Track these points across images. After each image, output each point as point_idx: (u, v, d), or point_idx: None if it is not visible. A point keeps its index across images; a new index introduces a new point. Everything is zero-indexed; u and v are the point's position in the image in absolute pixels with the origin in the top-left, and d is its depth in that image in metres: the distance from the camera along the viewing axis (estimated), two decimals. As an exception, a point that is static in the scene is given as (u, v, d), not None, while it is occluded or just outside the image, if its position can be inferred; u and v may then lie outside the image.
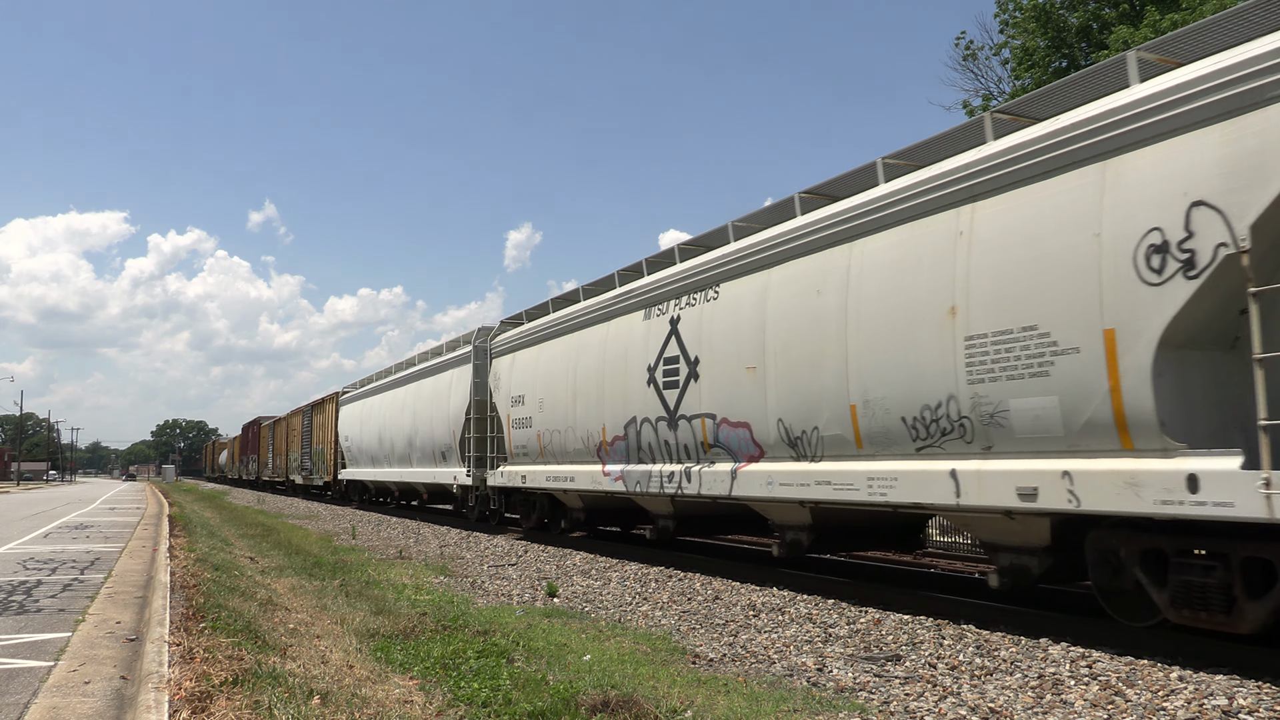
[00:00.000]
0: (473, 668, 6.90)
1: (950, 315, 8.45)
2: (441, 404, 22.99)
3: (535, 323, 18.22)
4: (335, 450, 36.11)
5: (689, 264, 12.99)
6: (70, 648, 7.97)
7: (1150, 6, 23.38)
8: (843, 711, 5.87)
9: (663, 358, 13.18)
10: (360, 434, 31.60)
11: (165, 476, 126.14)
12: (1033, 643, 7.70)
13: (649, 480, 13.45)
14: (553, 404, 16.57)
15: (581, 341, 15.87)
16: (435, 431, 23.43)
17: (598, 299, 15.63)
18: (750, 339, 11.22)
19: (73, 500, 46.21)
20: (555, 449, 16.55)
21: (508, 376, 19.00)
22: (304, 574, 13.49)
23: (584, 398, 15.42)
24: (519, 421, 18.04)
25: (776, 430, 10.74)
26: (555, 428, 16.48)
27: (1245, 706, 5.74)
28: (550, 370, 16.89)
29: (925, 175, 9.08)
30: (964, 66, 31.88)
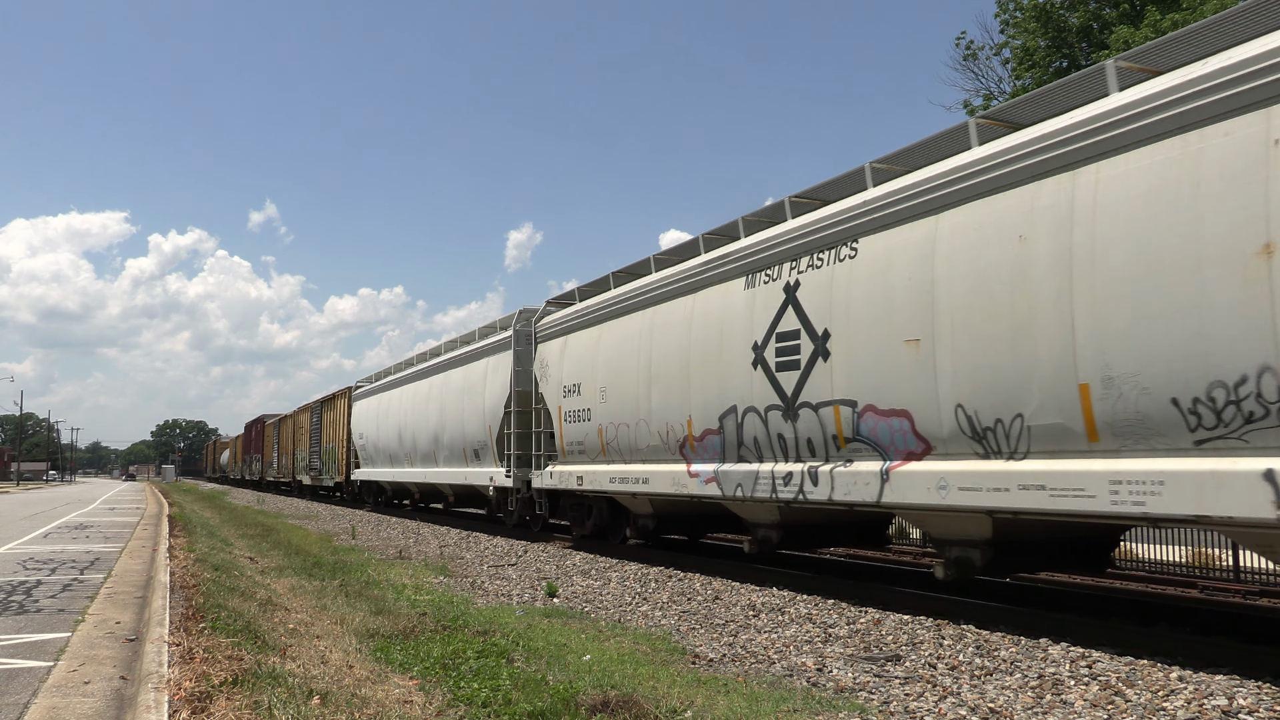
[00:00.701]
0: (472, 668, 6.90)
1: (1263, 255, 6.34)
2: (475, 397, 20.76)
3: (592, 301, 15.88)
4: (348, 449, 34.06)
5: (808, 219, 10.77)
6: (70, 648, 7.97)
7: (1151, 6, 23.38)
8: (843, 711, 5.87)
9: (775, 333, 10.92)
10: (377, 431, 29.52)
11: (165, 476, 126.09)
12: (1033, 643, 7.70)
13: (755, 483, 11.27)
14: (619, 393, 14.28)
15: (657, 319, 13.55)
16: (467, 427, 21.26)
17: (678, 269, 13.28)
18: (909, 304, 9.01)
19: (72, 500, 46.22)
20: (622, 446, 14.26)
21: (558, 363, 16.64)
22: (304, 574, 13.49)
23: (662, 385, 13.11)
24: (574, 414, 15.81)
25: (954, 419, 8.57)
26: (622, 421, 14.20)
27: (1245, 706, 5.73)
28: (615, 354, 14.59)
29: (1204, 70, 6.86)
30: (964, 66, 31.93)
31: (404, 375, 27.35)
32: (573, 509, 17.14)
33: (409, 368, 27.34)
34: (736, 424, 11.60)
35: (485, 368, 20.35)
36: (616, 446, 14.48)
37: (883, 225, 9.61)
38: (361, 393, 32.54)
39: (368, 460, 31.13)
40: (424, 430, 24.55)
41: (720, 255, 12.31)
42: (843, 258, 10.12)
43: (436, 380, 24.00)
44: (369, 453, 30.73)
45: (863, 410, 9.67)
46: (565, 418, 16.15)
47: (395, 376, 28.38)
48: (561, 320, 16.96)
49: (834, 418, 10.08)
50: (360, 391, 32.85)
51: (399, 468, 27.45)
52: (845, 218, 10.12)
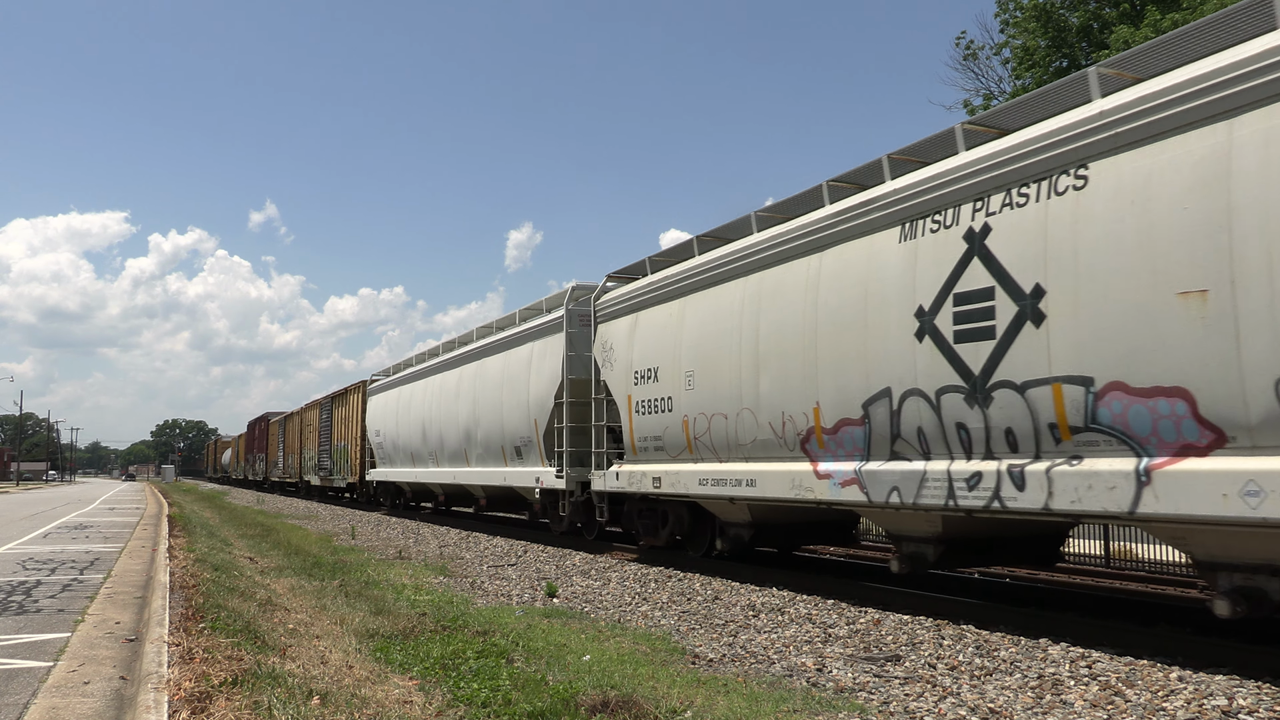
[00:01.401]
0: (472, 668, 6.90)
1: None
2: (517, 387, 18.34)
3: (670, 271, 13.53)
4: (362, 448, 31.81)
5: (996, 148, 8.52)
6: (70, 648, 7.97)
7: (1151, 6, 23.40)
8: (842, 712, 5.87)
9: (953, 293, 8.63)
10: (396, 428, 27.16)
11: (165, 476, 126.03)
12: (1032, 643, 7.70)
13: (919, 487, 8.97)
14: (711, 378, 12.07)
15: (765, 287, 11.27)
16: (507, 422, 18.84)
17: (792, 226, 10.97)
18: (1186, 244, 6.81)
19: (72, 500, 46.22)
20: (717, 441, 12.03)
21: (626, 345, 14.31)
22: (303, 574, 13.48)
23: (775, 367, 10.92)
24: (648, 405, 13.53)
25: (1273, 399, 6.37)
26: (717, 411, 11.99)
27: (1245, 706, 5.73)
28: (705, 332, 12.32)
29: None
30: (964, 66, 31.93)
31: (429, 366, 25.00)
32: (642, 515, 14.76)
33: (434, 357, 24.98)
34: (890, 412, 9.34)
35: (530, 354, 17.94)
36: (708, 442, 12.19)
37: (1130, 142, 7.32)
38: (378, 386, 30.22)
39: (385, 459, 28.98)
40: (453, 426, 22.26)
41: (859, 204, 9.99)
42: (1061, 190, 7.81)
43: (469, 370, 21.53)
44: (386, 451, 28.53)
45: (1103, 390, 7.38)
46: (637, 409, 13.86)
47: (418, 368, 26.10)
48: (630, 296, 14.49)
49: (1052, 400, 7.77)
50: (377, 385, 30.52)
51: (422, 467, 25.21)
52: (1063, 138, 7.83)
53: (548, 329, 17.31)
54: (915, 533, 9.80)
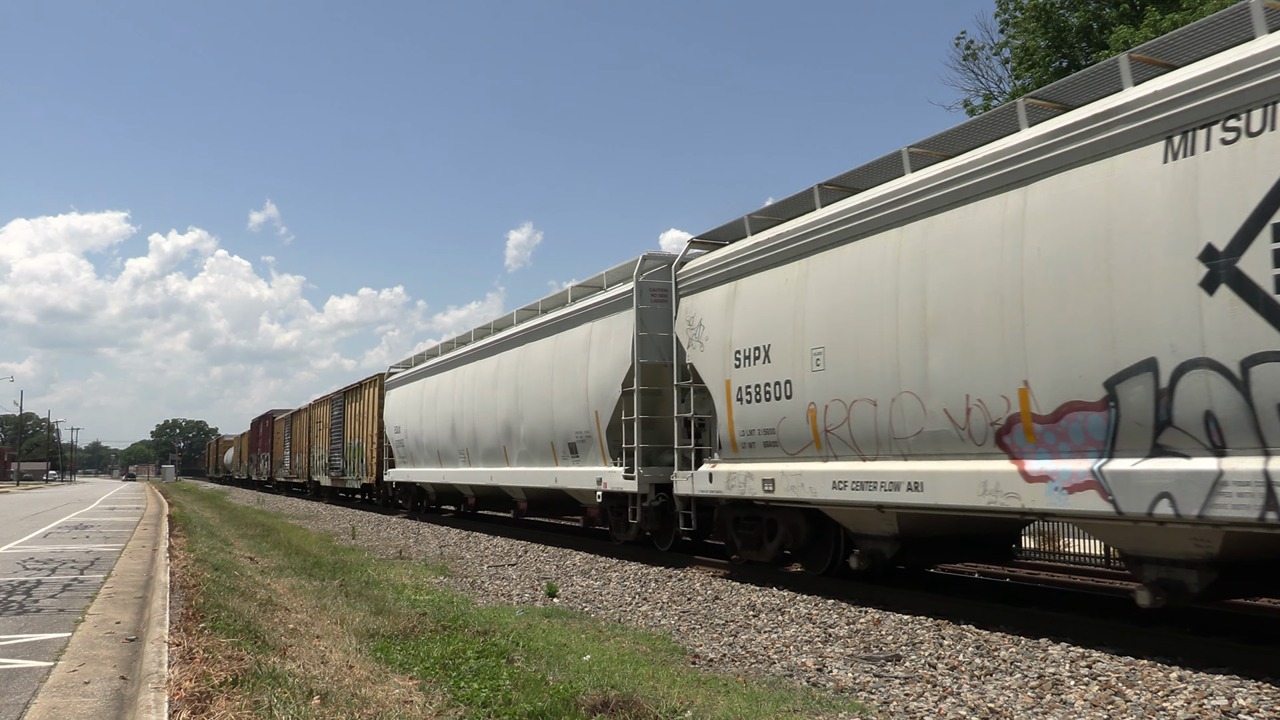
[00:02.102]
0: (472, 668, 6.90)
1: None
2: (572, 374, 16.00)
3: (783, 229, 11.23)
4: (379, 446, 29.62)
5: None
6: (70, 648, 7.97)
7: (1150, 6, 23.40)
8: (843, 711, 5.87)
9: (1272, 223, 6.45)
10: (419, 423, 24.74)
11: (165, 476, 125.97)
12: (1033, 643, 7.70)
13: (1212, 493, 6.73)
14: (850, 355, 9.90)
15: (933, 237, 9.01)
16: (558, 414, 16.43)
17: (972, 159, 8.73)
18: None
19: (72, 500, 46.22)
20: (860, 434, 9.81)
21: (722, 320, 12.07)
22: (304, 574, 13.49)
23: (953, 337, 8.69)
24: (755, 391, 11.32)
25: None
26: (859, 396, 9.77)
27: (1245, 706, 5.74)
28: (841, 298, 10.08)
29: None
30: (964, 66, 31.94)
31: (458, 355, 22.50)
32: (740, 525, 12.31)
33: (464, 345, 22.49)
34: (1154, 392, 7.12)
35: (588, 336, 15.61)
36: (846, 436, 9.98)
37: None
38: (398, 379, 27.70)
39: (405, 458, 26.56)
40: (488, 420, 19.83)
41: (1080, 121, 7.82)
42: None
43: (509, 357, 19.07)
44: (407, 449, 26.07)
45: None
46: (738, 396, 11.61)
47: (445, 357, 23.59)
48: (726, 262, 12.23)
49: None
50: (396, 378, 27.95)
51: (450, 466, 22.78)
52: None
53: (612, 306, 14.90)
54: (1175, 554, 7.49)
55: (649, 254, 14.37)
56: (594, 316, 15.60)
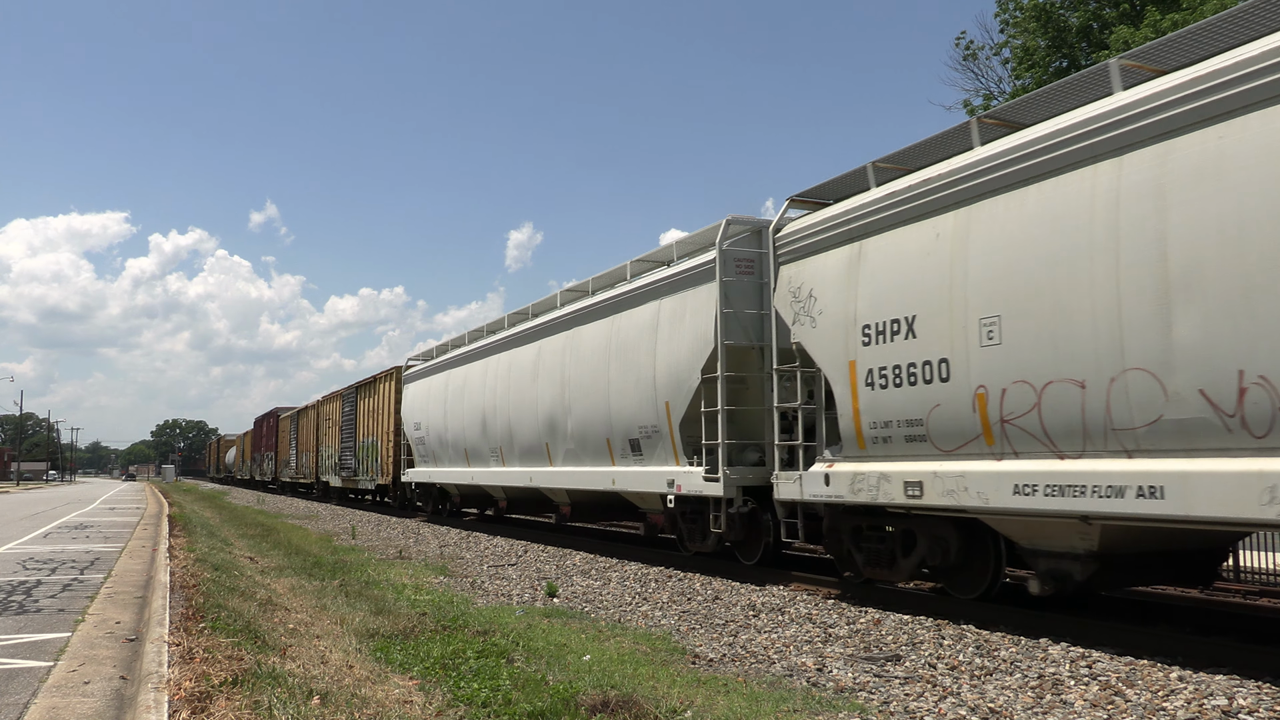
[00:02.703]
0: (472, 668, 6.90)
1: None
2: (634, 360, 13.96)
3: (923, 176, 9.31)
4: (395, 444, 27.94)
5: None
6: (70, 648, 7.97)
7: (1150, 6, 23.40)
8: (843, 711, 5.87)
9: None
10: (443, 419, 22.68)
11: (165, 477, 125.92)
12: (1033, 643, 7.70)
13: None
14: (1037, 324, 7.93)
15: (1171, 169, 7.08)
16: (616, 406, 14.37)
17: (1224, 65, 6.86)
18: None
19: (72, 500, 46.22)
20: (1054, 424, 7.82)
21: (842, 289, 10.15)
22: (304, 574, 13.49)
23: (1213, 296, 6.77)
24: (892, 373, 9.43)
25: None
26: (1056, 375, 7.76)
27: (1245, 706, 5.74)
28: (1023, 253, 8.07)
29: None
30: (964, 66, 31.96)
31: (490, 344, 20.39)
32: (863, 536, 10.36)
33: (495, 333, 20.44)
34: None
35: (655, 316, 13.64)
36: (1032, 427, 8.04)
37: None
38: (417, 371, 25.69)
39: (426, 457, 24.58)
40: (527, 414, 17.70)
41: None
42: None
43: (552, 344, 17.02)
44: (429, 447, 24.01)
45: None
46: (867, 380, 9.77)
47: (473, 346, 21.54)
48: (844, 219, 10.28)
49: None
50: (416, 371, 25.92)
51: (480, 466, 20.62)
52: None
53: (688, 279, 12.93)
54: None
55: (733, 218, 12.35)
56: (663, 293, 13.57)
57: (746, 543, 12.35)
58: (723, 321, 11.97)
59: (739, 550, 12.63)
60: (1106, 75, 7.83)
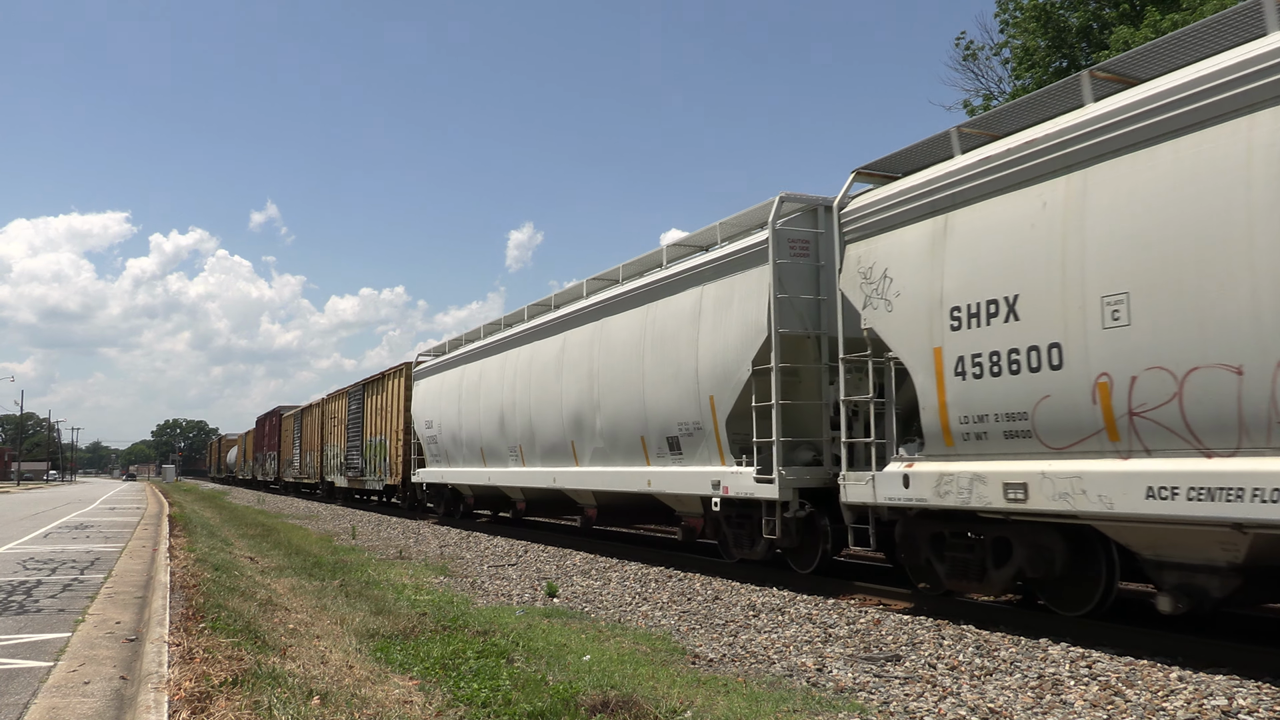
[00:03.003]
0: (472, 668, 6.90)
1: None
2: (673, 351, 12.93)
3: (1015, 141, 8.42)
4: (405, 443, 27.09)
5: None
6: (70, 648, 7.97)
7: (1151, 6, 23.40)
8: (842, 712, 5.87)
9: None
10: (457, 417, 21.66)
11: (165, 477, 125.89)
12: (1032, 643, 7.70)
13: None
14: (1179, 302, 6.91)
15: None
16: (653, 402, 13.31)
17: None
18: None
19: (73, 500, 46.22)
20: (1198, 417, 6.86)
21: (922, 268, 9.15)
22: (304, 574, 13.49)
23: None
24: (984, 361, 8.42)
25: None
26: (1197, 361, 6.81)
27: (1245, 706, 5.74)
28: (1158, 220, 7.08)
29: None
30: (964, 66, 31.96)
31: (508, 337, 19.33)
32: (945, 545, 9.30)
33: (514, 325, 19.33)
34: None
35: (698, 303, 12.59)
36: (1170, 420, 6.98)
37: None
38: (429, 368, 24.71)
39: (438, 457, 23.60)
40: (550, 411, 16.66)
41: None
42: None
43: (578, 336, 15.96)
44: (442, 446, 22.99)
45: None
46: (956, 369, 8.69)
47: (488, 341, 20.52)
48: (924, 190, 9.26)
49: None
50: (427, 367, 24.96)
51: (497, 466, 19.56)
52: None
53: (735, 263, 11.87)
54: None
55: (787, 195, 11.31)
56: (706, 279, 12.48)
57: (801, 550, 11.37)
58: (776, 308, 10.91)
59: (792, 558, 11.64)
60: (1260, 11, 6.82)
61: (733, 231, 12.68)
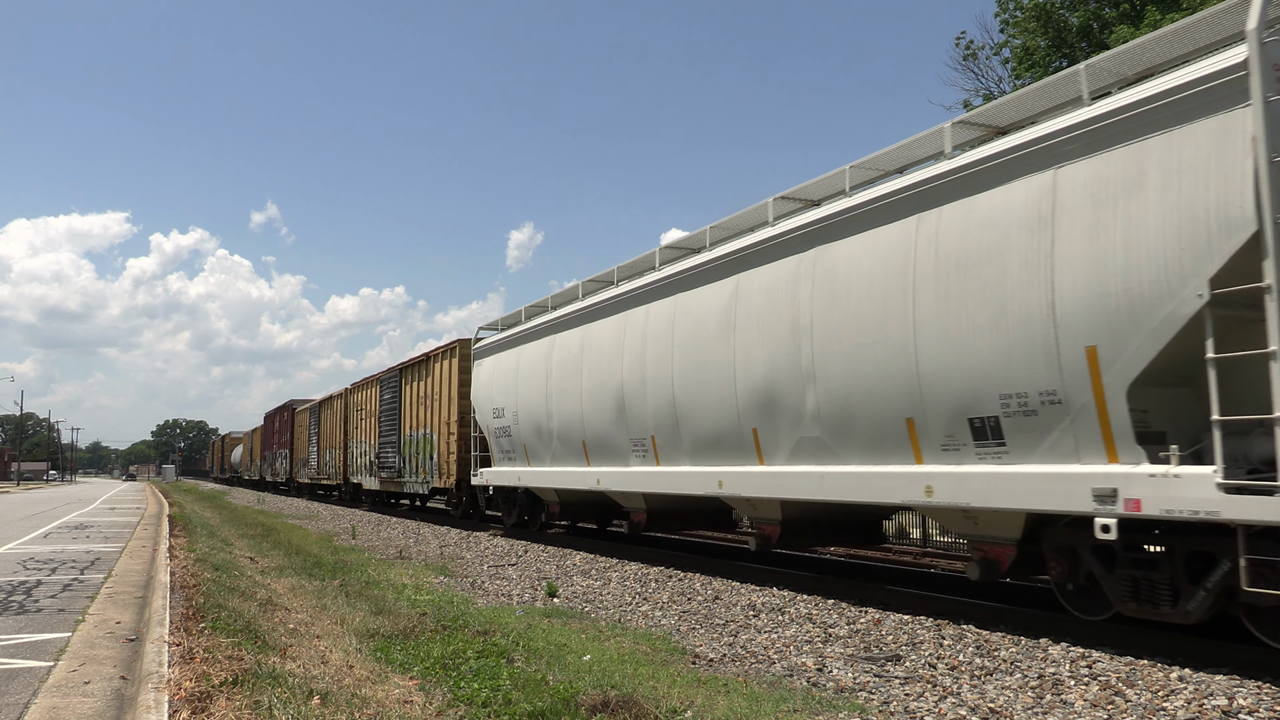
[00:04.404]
0: (473, 668, 6.90)
1: None
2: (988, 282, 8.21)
3: None
4: (460, 437, 22.35)
5: None
6: (70, 648, 7.97)
7: (1151, 6, 23.40)
8: (843, 711, 5.87)
9: None
10: (544, 401, 16.78)
11: (165, 477, 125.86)
12: (1033, 643, 7.70)
13: None
14: None
15: None
16: (937, 363, 8.68)
17: None
18: None
19: (73, 500, 46.22)
20: None
21: None
22: (304, 574, 13.49)
23: None
24: None
25: None
26: None
27: (1245, 706, 5.74)
28: None
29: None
30: (964, 66, 31.94)
31: (627, 293, 14.43)
32: None
33: (638, 275, 14.60)
34: None
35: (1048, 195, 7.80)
36: None
37: None
38: (496, 343, 19.81)
39: (511, 453, 18.68)
40: (710, 385, 11.99)
41: None
42: None
43: (769, 275, 11.15)
44: (518, 440, 18.18)
45: None
46: None
47: (593, 301, 15.55)
48: None
49: None
50: (492, 342, 20.06)
51: (609, 464, 14.80)
52: None
53: (1161, 114, 7.05)
54: None
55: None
56: (1067, 154, 7.72)
57: None
58: (1274, 181, 6.31)
59: (1261, 627, 6.94)
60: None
61: (1112, 78, 7.98)
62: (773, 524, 11.70)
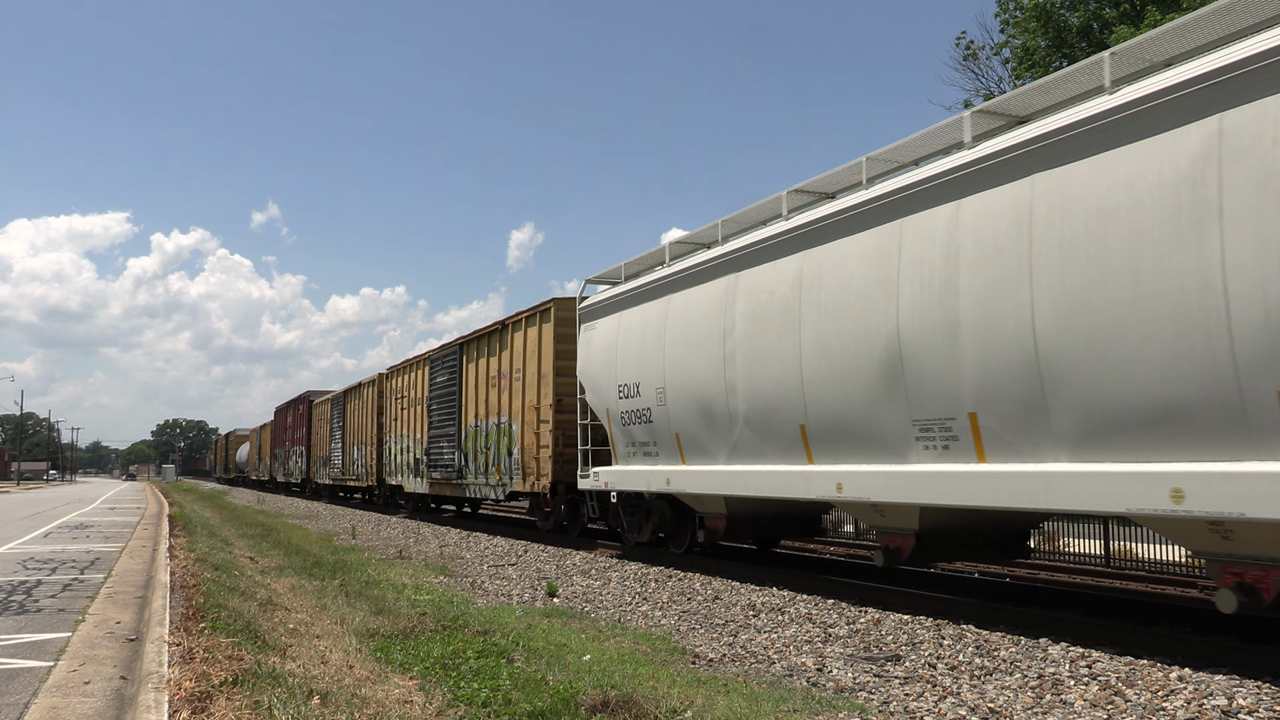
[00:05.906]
0: (472, 668, 6.90)
1: None
2: None
3: None
4: (552, 427, 17.03)
5: None
6: (70, 648, 7.97)
7: (1151, 6, 23.40)
8: (842, 711, 5.87)
9: None
10: (714, 371, 11.69)
11: (165, 476, 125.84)
12: (1032, 643, 7.70)
13: None
14: None
15: None
16: None
17: None
18: None
19: (73, 500, 46.22)
20: None
21: None
22: (304, 574, 13.49)
23: None
24: None
25: None
26: None
27: (1245, 706, 5.73)
28: None
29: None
30: (964, 66, 31.96)
31: (873, 202, 9.30)
32: None
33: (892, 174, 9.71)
34: None
35: None
36: None
37: None
38: (616, 300, 14.64)
39: (648, 447, 13.61)
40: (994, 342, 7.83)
41: None
42: None
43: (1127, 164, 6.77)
44: (665, 427, 13.00)
45: None
46: None
47: (800, 222, 10.43)
48: None
49: None
50: (610, 299, 14.86)
51: (854, 462, 9.68)
52: None
53: None
54: None
55: None
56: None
57: None
58: None
59: None
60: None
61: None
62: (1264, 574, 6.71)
